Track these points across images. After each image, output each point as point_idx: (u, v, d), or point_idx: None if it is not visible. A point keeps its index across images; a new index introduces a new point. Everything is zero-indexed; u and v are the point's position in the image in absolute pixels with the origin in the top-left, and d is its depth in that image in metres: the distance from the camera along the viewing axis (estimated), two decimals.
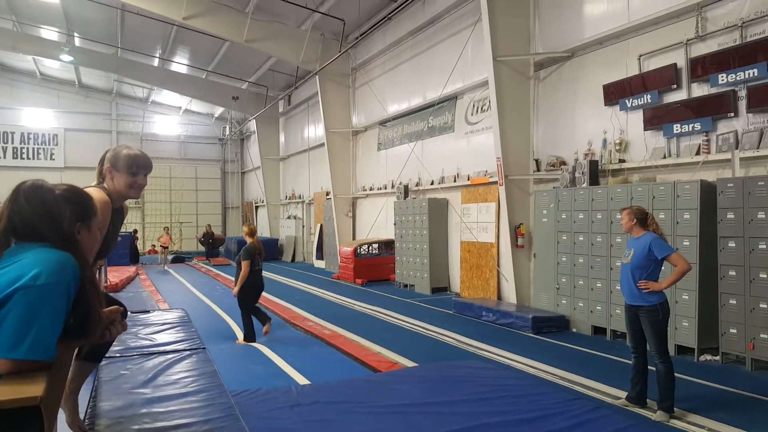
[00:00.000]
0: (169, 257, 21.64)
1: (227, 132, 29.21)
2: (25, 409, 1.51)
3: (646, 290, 4.79)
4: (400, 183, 14.35)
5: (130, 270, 17.19)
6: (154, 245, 26.04)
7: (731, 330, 6.31)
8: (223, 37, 16.90)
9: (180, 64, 22.68)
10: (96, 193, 2.49)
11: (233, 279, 8.58)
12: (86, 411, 2.98)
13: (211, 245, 23.14)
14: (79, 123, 26.80)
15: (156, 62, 22.63)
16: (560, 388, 5.49)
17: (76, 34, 20.26)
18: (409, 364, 6.47)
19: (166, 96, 27.11)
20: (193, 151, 29.55)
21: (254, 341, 7.73)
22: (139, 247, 24.32)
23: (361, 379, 5.58)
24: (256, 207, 28.39)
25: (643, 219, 4.97)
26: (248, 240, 7.99)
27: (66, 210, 1.87)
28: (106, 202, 2.57)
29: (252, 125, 25.90)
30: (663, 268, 5.02)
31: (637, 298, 4.86)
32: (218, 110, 28.66)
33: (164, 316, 5.62)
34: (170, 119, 29.30)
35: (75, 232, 1.88)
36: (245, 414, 3.12)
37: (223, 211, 30.88)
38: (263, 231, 25.97)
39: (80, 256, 1.85)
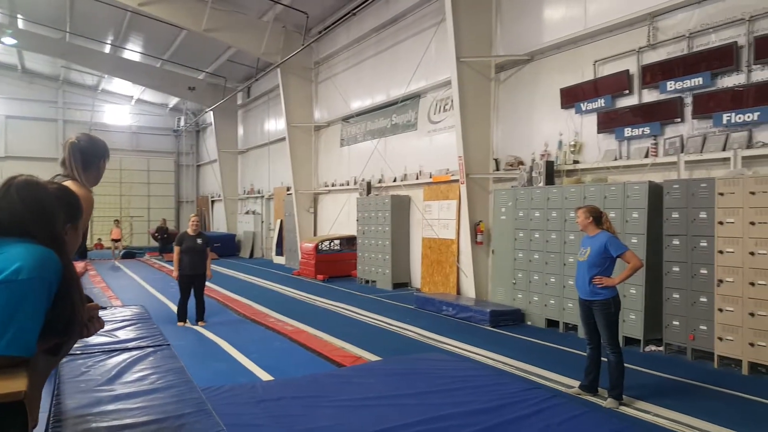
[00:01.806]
0: (120, 252, 21.05)
1: (182, 123, 28.52)
2: (7, 404, 1.52)
3: (601, 285, 5.04)
4: (363, 179, 14.43)
5: (79, 266, 16.65)
6: (100, 239, 25.16)
7: (674, 322, 6.71)
8: (180, 26, 16.52)
9: (133, 52, 22.00)
10: (80, 191, 2.47)
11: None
12: (50, 410, 2.95)
13: (165, 240, 22.61)
14: (22, 110, 25.53)
15: (107, 49, 21.83)
16: (518, 378, 5.72)
17: (20, 16, 19.32)
18: (373, 358, 6.59)
19: (117, 84, 26.23)
20: (146, 143, 28.72)
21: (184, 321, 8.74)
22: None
23: (326, 374, 5.66)
24: (212, 201, 27.89)
25: (598, 218, 5.22)
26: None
27: (59, 211, 1.87)
28: (91, 200, 2.56)
29: (208, 117, 25.41)
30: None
31: (591, 293, 5.12)
32: (173, 101, 27.95)
33: (123, 312, 5.53)
34: (121, 109, 28.35)
35: (65, 232, 1.89)
36: None
37: (177, 205, 30.14)
38: (220, 226, 25.58)
39: (65, 255, 1.85)
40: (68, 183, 2.51)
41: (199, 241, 8.67)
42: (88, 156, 2.75)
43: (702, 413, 4.76)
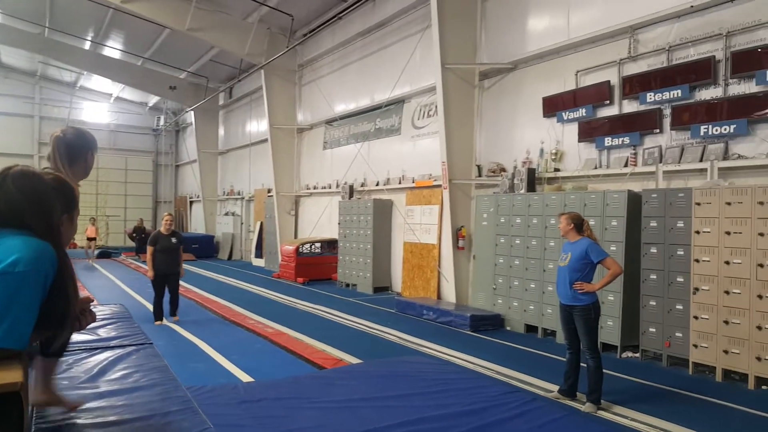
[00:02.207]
0: (96, 252, 20.69)
1: (162, 122, 28.21)
2: (3, 395, 1.51)
3: (581, 291, 5.13)
4: (345, 183, 14.44)
5: None
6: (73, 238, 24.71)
7: (651, 329, 6.84)
8: (164, 24, 16.38)
9: (114, 49, 21.70)
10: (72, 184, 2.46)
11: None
12: (32, 407, 2.91)
13: (142, 240, 22.28)
14: None
15: (87, 45, 21.53)
16: (499, 381, 5.79)
17: None
18: (354, 360, 6.59)
19: (96, 82, 25.86)
20: (124, 141, 28.36)
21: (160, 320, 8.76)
22: None
23: (307, 376, 5.65)
24: (191, 202, 27.61)
25: (579, 225, 5.32)
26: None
27: (56, 201, 1.86)
28: (78, 193, 2.54)
29: (189, 117, 25.18)
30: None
31: (571, 298, 5.20)
32: (153, 99, 27.64)
33: (102, 311, 5.43)
34: (100, 106, 28.00)
35: (61, 223, 1.88)
36: None
37: (155, 205, 29.78)
38: (198, 227, 25.32)
39: (60, 247, 1.84)
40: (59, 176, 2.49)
41: (173, 240, 8.73)
42: (75, 149, 2.71)
43: (677, 418, 4.86)
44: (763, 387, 5.76)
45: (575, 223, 5.30)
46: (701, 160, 6.96)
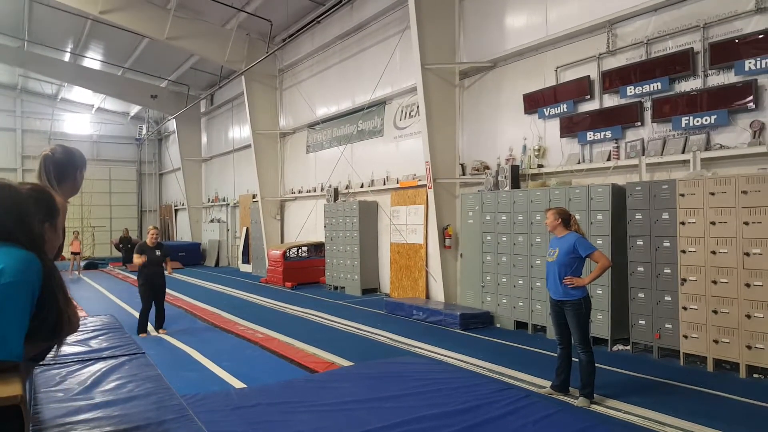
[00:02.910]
0: (82, 263, 20.44)
1: (144, 132, 28.00)
2: (4, 408, 1.51)
3: (571, 285, 5.16)
4: (330, 186, 14.42)
5: None
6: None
7: (640, 321, 6.90)
8: (143, 34, 16.27)
9: (94, 60, 21.53)
10: (56, 198, 2.44)
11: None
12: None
13: (129, 251, 22.07)
14: None
15: (67, 57, 21.35)
16: (491, 379, 5.80)
17: None
18: (346, 363, 6.58)
19: (77, 93, 25.63)
20: (107, 152, 28.12)
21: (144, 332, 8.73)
22: None
23: (300, 380, 5.62)
24: (176, 210, 27.38)
25: (566, 219, 5.34)
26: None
27: (35, 210, 1.85)
28: (64, 204, 2.52)
29: (171, 125, 25.02)
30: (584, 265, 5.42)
31: (562, 293, 5.22)
32: (134, 109, 27.44)
33: (93, 322, 5.40)
34: (82, 118, 27.73)
35: (43, 232, 1.87)
36: None
37: (140, 214, 29.56)
38: (184, 235, 25.12)
39: (46, 257, 1.83)
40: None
41: (158, 252, 8.74)
42: (63, 168, 2.72)
43: (670, 409, 4.91)
44: (755, 375, 5.83)
45: (563, 218, 5.33)
46: (683, 152, 7.05)
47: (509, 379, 5.91)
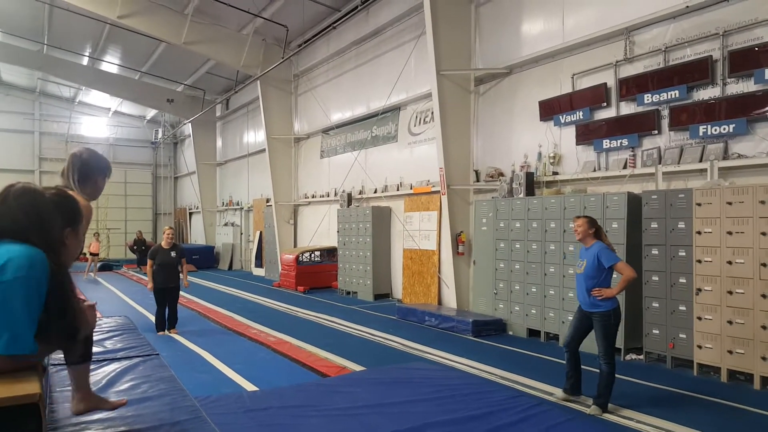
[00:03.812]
0: (97, 265, 20.67)
1: (160, 135, 28.30)
2: (21, 406, 1.53)
3: (600, 297, 5.10)
4: (344, 191, 14.45)
5: None
6: (84, 253, 24.71)
7: (654, 331, 6.83)
8: (160, 39, 16.45)
9: (111, 64, 21.84)
10: (79, 199, 2.48)
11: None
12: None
13: (143, 252, 22.29)
14: None
15: (85, 61, 21.69)
16: (504, 386, 5.76)
17: None
18: (357, 368, 6.57)
19: (94, 96, 26.00)
20: (123, 155, 28.42)
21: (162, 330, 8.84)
22: None
23: (312, 384, 5.64)
24: (191, 213, 27.62)
25: (599, 230, 5.29)
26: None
27: (57, 216, 1.88)
28: (89, 207, 2.56)
29: (187, 129, 25.24)
30: (615, 275, 5.32)
31: (591, 305, 5.17)
32: (151, 113, 27.76)
33: (108, 323, 5.45)
34: (99, 121, 28.12)
35: (64, 237, 1.89)
36: None
37: (154, 217, 29.83)
38: (198, 238, 25.32)
39: (57, 259, 1.85)
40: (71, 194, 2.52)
41: (173, 254, 8.68)
42: (87, 170, 2.78)
43: (683, 420, 4.85)
44: None
45: (596, 227, 5.26)
46: (701, 161, 6.98)
47: (521, 387, 5.87)
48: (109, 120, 28.33)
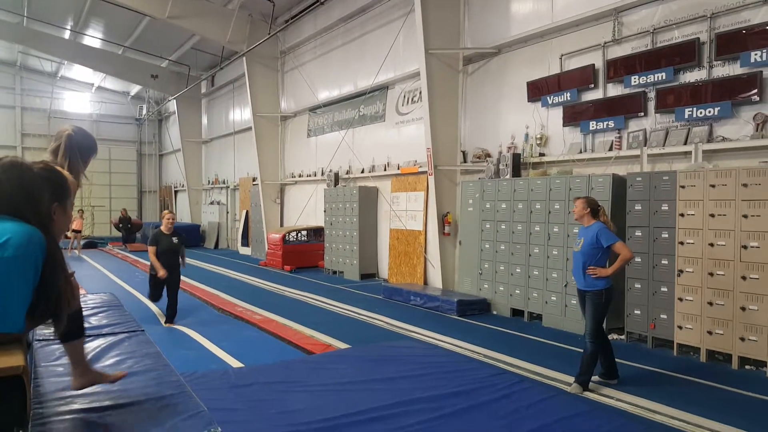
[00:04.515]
0: (82, 242, 20.46)
1: (144, 112, 27.85)
2: (5, 379, 1.53)
3: (594, 276, 5.16)
4: (331, 170, 14.40)
5: None
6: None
7: (636, 311, 6.94)
8: (144, 12, 16.12)
9: (94, 38, 21.36)
10: (66, 175, 2.45)
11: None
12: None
13: (129, 230, 22.14)
14: None
15: (67, 34, 21.20)
16: (485, 364, 5.84)
17: None
18: (343, 346, 6.62)
19: (77, 71, 25.45)
20: (107, 131, 27.96)
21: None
22: None
23: (297, 361, 5.68)
24: (176, 191, 27.37)
25: (595, 209, 5.34)
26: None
27: (45, 190, 1.86)
28: (75, 184, 2.53)
29: (171, 105, 24.91)
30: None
31: (585, 283, 5.24)
32: (135, 88, 27.27)
33: (93, 299, 5.42)
34: (81, 96, 27.59)
35: (52, 212, 1.88)
36: None
37: (139, 195, 29.55)
38: (184, 216, 25.14)
39: (51, 237, 1.84)
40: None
41: (174, 240, 8.01)
42: (81, 150, 2.76)
43: (662, 398, 4.95)
44: (746, 367, 5.88)
45: (591, 208, 5.31)
46: (686, 143, 7.04)
47: (504, 365, 5.95)
48: (93, 96, 27.84)
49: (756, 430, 4.24)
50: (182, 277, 8.41)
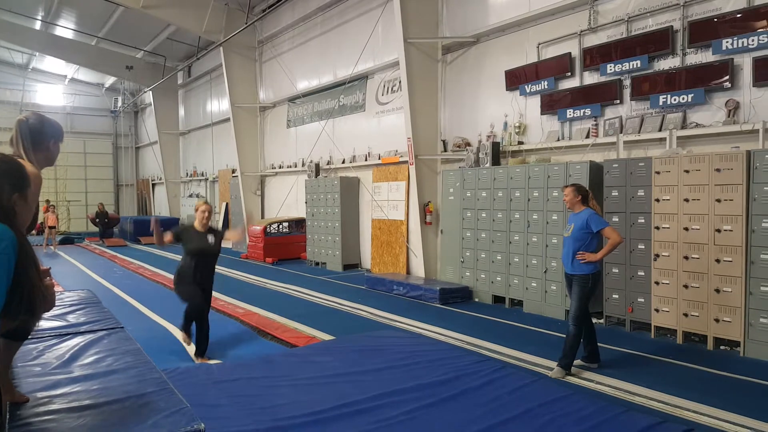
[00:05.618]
0: (58, 238, 20.11)
1: (119, 104, 27.42)
2: None
3: (583, 261, 5.25)
4: (311, 161, 14.33)
5: None
6: (41, 223, 23.89)
7: (614, 296, 7.06)
8: (118, 2, 15.77)
9: (66, 29, 20.89)
10: (27, 166, 2.39)
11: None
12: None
13: (106, 225, 21.82)
14: None
15: (38, 25, 20.68)
16: (469, 352, 5.90)
17: None
18: (326, 337, 6.63)
19: (49, 63, 24.91)
20: (81, 124, 27.48)
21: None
22: None
23: (281, 354, 5.67)
24: (153, 185, 27.03)
25: (586, 196, 5.44)
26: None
27: (4, 182, 1.82)
28: (38, 175, 2.47)
29: (147, 97, 24.51)
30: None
31: (573, 267, 5.33)
32: (109, 80, 26.79)
33: (70, 296, 5.37)
34: (54, 88, 27.01)
35: (13, 204, 1.84)
36: None
37: (116, 188, 29.11)
38: (162, 210, 24.87)
39: (18, 230, 1.81)
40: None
41: (210, 238, 5.95)
42: (38, 135, 2.65)
43: (640, 380, 5.07)
44: (722, 347, 6.04)
45: (582, 195, 5.40)
46: (660, 130, 7.14)
47: (487, 352, 6.03)
48: (66, 88, 27.27)
49: (732, 409, 4.35)
50: (159, 271, 8.20)
